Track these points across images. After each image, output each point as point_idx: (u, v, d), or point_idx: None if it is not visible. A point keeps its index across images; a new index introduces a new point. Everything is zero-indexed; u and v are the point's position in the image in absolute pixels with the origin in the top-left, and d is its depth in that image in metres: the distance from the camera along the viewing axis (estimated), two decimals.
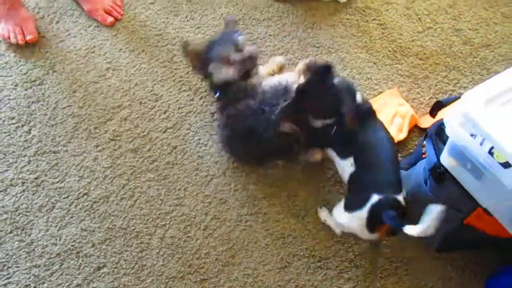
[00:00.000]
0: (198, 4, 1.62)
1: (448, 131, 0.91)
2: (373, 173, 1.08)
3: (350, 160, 1.10)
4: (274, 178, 1.31)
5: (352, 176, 1.10)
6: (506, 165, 0.82)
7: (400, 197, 1.05)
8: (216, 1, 1.63)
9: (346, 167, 1.12)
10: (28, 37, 1.48)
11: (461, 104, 0.84)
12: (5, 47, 1.49)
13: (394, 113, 1.40)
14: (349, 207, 1.09)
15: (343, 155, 1.13)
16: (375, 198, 1.03)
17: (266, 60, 1.43)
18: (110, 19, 1.55)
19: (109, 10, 1.56)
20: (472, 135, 0.87)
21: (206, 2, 1.63)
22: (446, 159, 0.99)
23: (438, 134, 1.05)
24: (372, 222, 1.05)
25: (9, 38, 1.48)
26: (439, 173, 1.03)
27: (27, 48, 1.49)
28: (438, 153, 1.03)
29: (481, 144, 0.86)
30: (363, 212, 1.04)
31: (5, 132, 1.34)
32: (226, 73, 1.20)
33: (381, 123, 1.17)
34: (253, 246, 1.22)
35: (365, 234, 1.08)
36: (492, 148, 0.83)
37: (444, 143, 1.03)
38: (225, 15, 1.60)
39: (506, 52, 1.57)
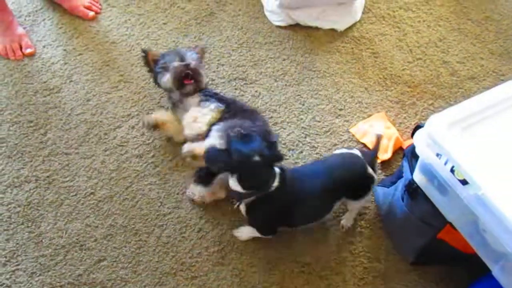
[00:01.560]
0: (206, 26, 1.77)
1: (417, 150, 1.02)
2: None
3: None
4: None
5: None
6: (464, 182, 0.92)
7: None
8: (223, 25, 1.78)
9: None
10: (28, 51, 1.64)
11: (427, 126, 0.95)
12: (28, 59, 1.63)
13: None
14: None
15: None
16: None
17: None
18: (91, 14, 1.73)
19: (88, 6, 1.74)
20: (437, 154, 0.98)
21: (213, 25, 1.77)
22: (417, 176, 1.09)
23: (413, 153, 1.16)
24: None
25: (7, 55, 1.62)
26: (413, 189, 1.13)
27: (48, 59, 1.63)
28: (412, 170, 1.14)
29: (445, 163, 0.96)
30: None
31: (23, 134, 1.47)
32: (165, 78, 1.39)
33: None
34: (242, 249, 1.31)
35: None
36: (453, 166, 0.94)
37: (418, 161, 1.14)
38: (230, 37, 1.75)
39: (489, 85, 1.69)
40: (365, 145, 1.52)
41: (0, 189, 1.36)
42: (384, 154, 1.47)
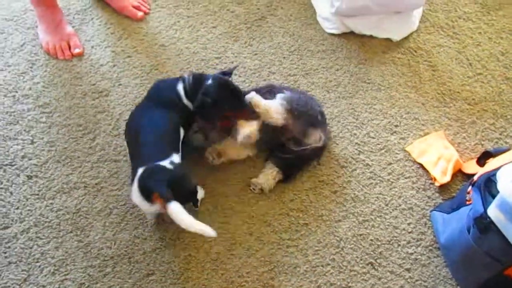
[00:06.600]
0: (256, 31, 1.71)
1: (500, 186, 0.95)
2: (137, 149, 1.23)
3: None
4: (317, 206, 1.36)
5: (129, 155, 1.29)
6: None
7: (165, 163, 1.16)
8: (274, 30, 1.71)
9: None
10: (76, 50, 1.61)
11: None
12: (77, 59, 1.61)
13: (439, 156, 1.44)
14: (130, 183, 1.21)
15: None
16: (139, 171, 1.16)
17: None
18: (140, 14, 1.70)
19: (137, 6, 1.70)
20: None
21: (264, 30, 1.71)
22: (493, 212, 1.02)
23: (487, 185, 1.09)
24: (145, 193, 1.15)
25: (55, 54, 1.60)
26: (484, 224, 1.06)
27: (97, 61, 1.61)
28: (485, 204, 1.07)
29: None
30: (134, 186, 1.16)
31: (72, 138, 1.44)
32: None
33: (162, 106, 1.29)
34: (292, 271, 1.27)
35: (147, 207, 1.17)
36: None
37: (492, 195, 1.06)
38: (281, 44, 1.69)
39: None
40: (421, 166, 1.44)
41: (49, 195, 1.35)
42: (443, 177, 1.39)
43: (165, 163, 1.16)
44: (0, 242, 1.28)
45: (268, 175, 1.37)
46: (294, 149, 1.37)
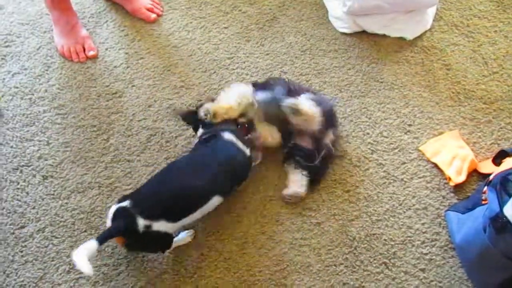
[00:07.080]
0: (268, 31, 1.71)
1: None
2: (153, 178, 1.20)
3: None
4: (330, 206, 1.36)
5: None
6: None
7: (141, 223, 1.08)
8: (285, 30, 1.71)
9: None
10: (91, 53, 1.63)
11: None
12: (91, 61, 1.63)
13: (454, 155, 1.42)
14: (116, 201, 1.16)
15: None
16: (126, 203, 1.11)
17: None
18: (153, 16, 1.71)
19: (150, 8, 1.72)
20: None
21: (275, 31, 1.72)
22: (510, 211, 1.01)
23: (503, 185, 1.07)
24: (112, 220, 1.12)
25: (70, 57, 1.62)
26: (501, 223, 1.04)
27: (110, 62, 1.63)
28: (501, 203, 1.05)
29: None
30: (112, 208, 1.13)
31: (87, 138, 1.47)
32: None
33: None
34: (305, 270, 1.26)
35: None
36: None
37: (509, 194, 1.05)
38: (293, 43, 1.68)
39: None
40: (436, 165, 1.43)
41: (64, 194, 1.37)
42: (458, 177, 1.37)
43: (141, 224, 1.08)
44: (17, 241, 1.30)
45: (299, 183, 1.35)
46: (318, 160, 1.37)
